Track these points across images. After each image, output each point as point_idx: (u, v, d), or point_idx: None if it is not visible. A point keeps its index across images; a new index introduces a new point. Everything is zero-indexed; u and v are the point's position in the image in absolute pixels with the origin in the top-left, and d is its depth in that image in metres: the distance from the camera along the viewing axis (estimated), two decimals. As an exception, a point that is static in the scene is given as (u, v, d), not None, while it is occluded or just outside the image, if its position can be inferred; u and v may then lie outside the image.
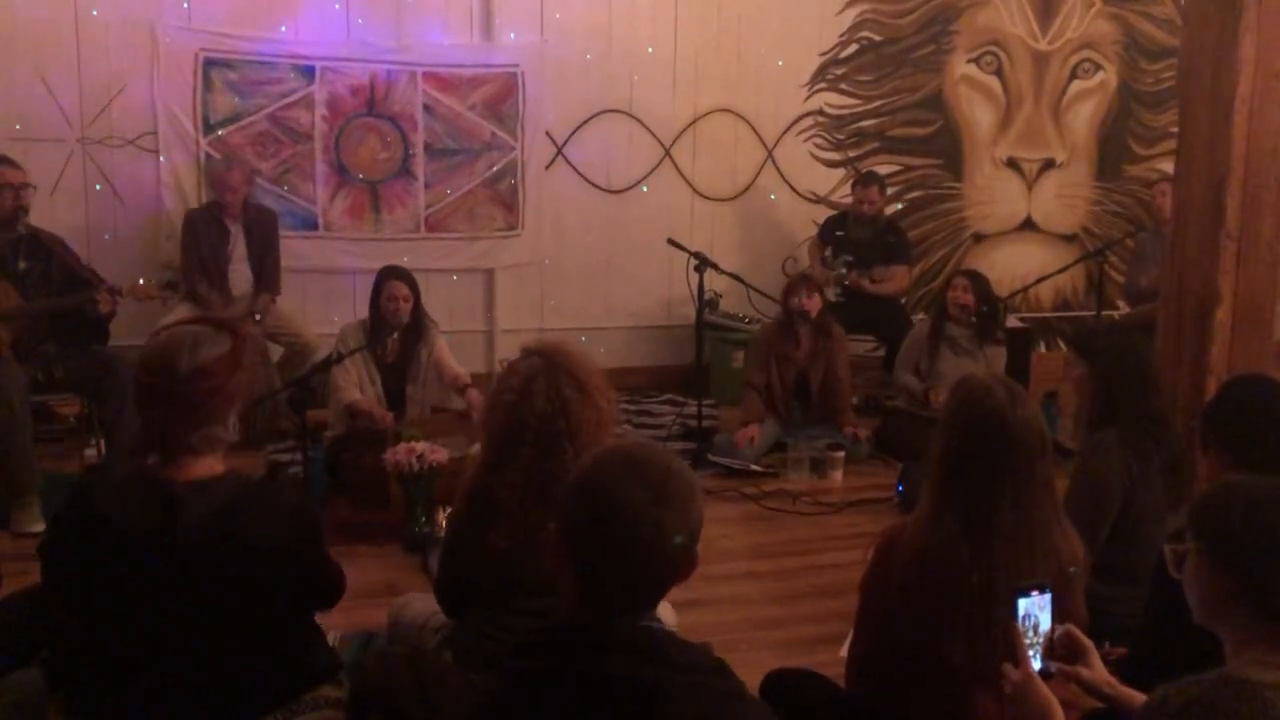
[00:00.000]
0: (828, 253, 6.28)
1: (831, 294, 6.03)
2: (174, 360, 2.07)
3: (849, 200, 6.40)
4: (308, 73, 5.83)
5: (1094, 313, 5.91)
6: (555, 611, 1.59)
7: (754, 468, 5.04)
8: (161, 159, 5.66)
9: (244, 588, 2.07)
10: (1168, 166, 6.28)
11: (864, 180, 6.28)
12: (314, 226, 5.93)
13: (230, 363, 2.11)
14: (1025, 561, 2.10)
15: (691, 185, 6.61)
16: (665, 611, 2.96)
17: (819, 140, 6.83)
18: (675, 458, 1.58)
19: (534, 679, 1.45)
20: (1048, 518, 2.17)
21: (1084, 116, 7.34)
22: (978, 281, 5.46)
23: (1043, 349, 7.25)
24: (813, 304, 5.30)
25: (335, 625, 3.05)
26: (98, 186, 5.57)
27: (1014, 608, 1.94)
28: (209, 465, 2.13)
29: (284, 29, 5.79)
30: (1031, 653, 1.93)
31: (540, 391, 2.36)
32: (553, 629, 1.49)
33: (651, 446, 1.59)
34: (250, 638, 2.14)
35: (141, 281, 4.58)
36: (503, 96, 6.15)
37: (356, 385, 4.65)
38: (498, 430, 2.42)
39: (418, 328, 4.77)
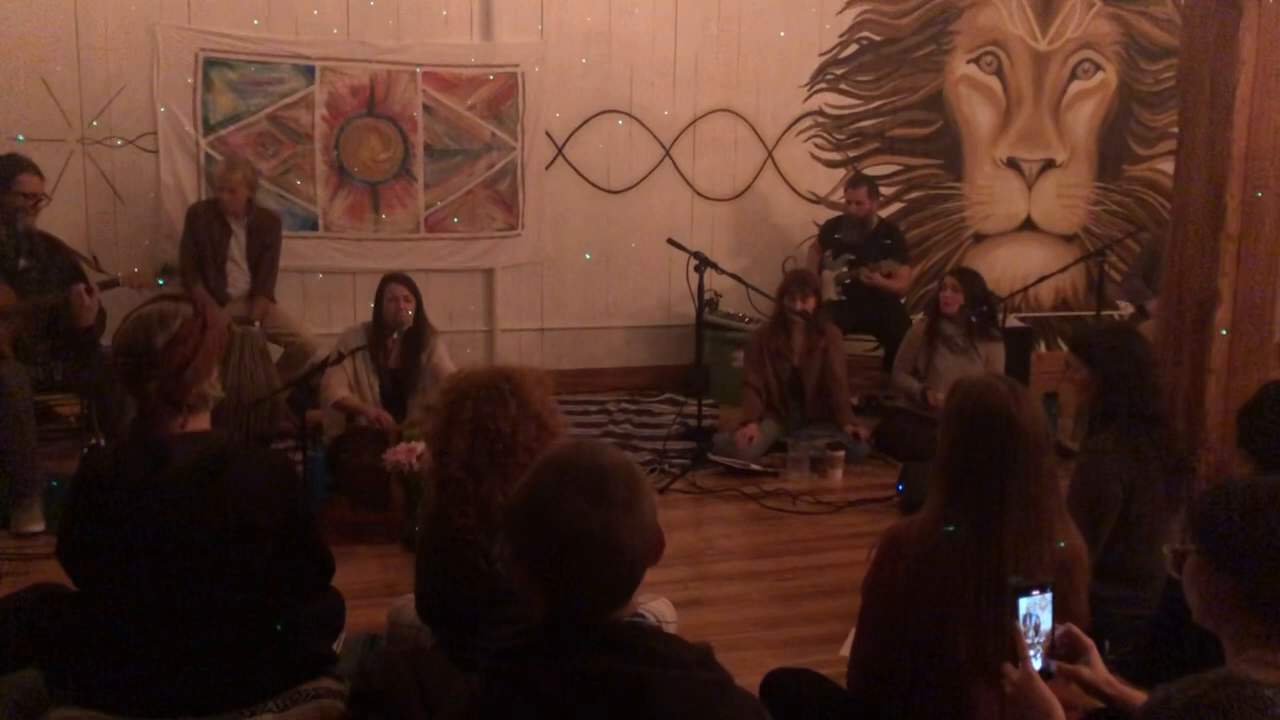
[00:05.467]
0: (827, 253, 6.28)
1: (833, 292, 6.03)
2: (150, 337, 2.22)
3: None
4: (308, 73, 5.84)
5: (1094, 313, 5.91)
6: (526, 617, 1.58)
7: (754, 467, 5.05)
8: (161, 159, 5.67)
9: (233, 537, 2.18)
10: (1168, 167, 6.29)
11: (853, 181, 6.31)
12: (314, 227, 5.94)
13: (199, 323, 2.27)
14: (1032, 552, 2.10)
15: (691, 185, 6.61)
16: (665, 609, 2.97)
17: (819, 140, 6.83)
18: (609, 451, 1.54)
19: (518, 679, 1.44)
20: (1052, 509, 2.17)
21: (1084, 117, 7.34)
22: (968, 280, 5.46)
23: (1043, 349, 7.26)
24: (808, 306, 5.30)
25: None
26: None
27: (1015, 607, 1.94)
28: (198, 423, 2.30)
29: (284, 29, 5.79)
30: (1032, 652, 1.93)
31: (481, 371, 2.53)
32: (533, 629, 1.48)
33: (582, 446, 1.55)
34: (247, 610, 2.21)
35: (136, 270, 4.59)
36: (503, 96, 6.15)
37: (348, 385, 4.66)
38: (442, 414, 2.51)
39: (419, 334, 4.79)
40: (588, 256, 6.42)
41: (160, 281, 4.57)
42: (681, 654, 1.46)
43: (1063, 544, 2.14)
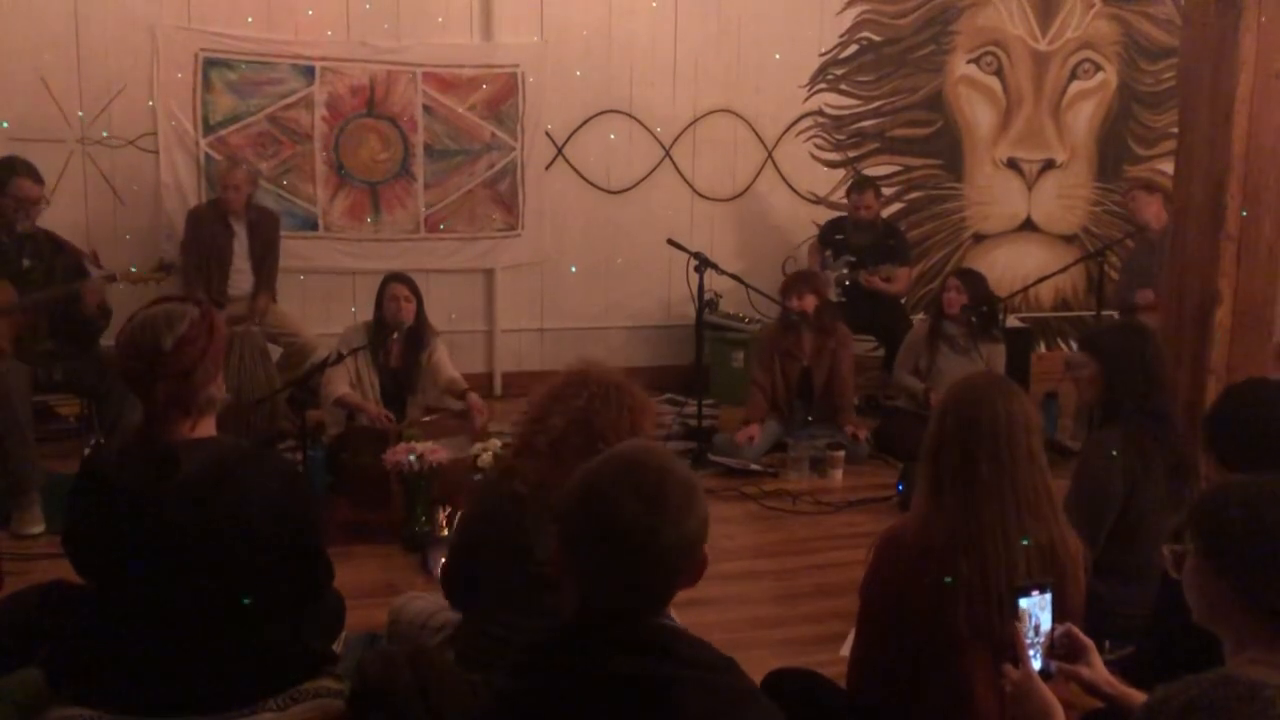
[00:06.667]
0: (828, 253, 6.28)
1: (833, 294, 6.03)
2: (157, 338, 2.17)
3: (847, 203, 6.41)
4: (307, 73, 5.84)
5: (1094, 313, 5.91)
6: (557, 610, 1.59)
7: (754, 467, 5.04)
8: (161, 159, 5.67)
9: (239, 545, 2.16)
10: (1168, 167, 6.28)
11: (858, 186, 6.29)
12: (314, 227, 5.94)
13: (206, 326, 2.23)
14: (1015, 524, 2.10)
15: (691, 185, 6.61)
16: (665, 611, 2.97)
17: (819, 141, 6.83)
18: (674, 459, 1.56)
19: (544, 678, 1.45)
20: (1038, 489, 2.17)
21: (1084, 117, 7.34)
22: (971, 281, 5.47)
23: (1043, 349, 7.26)
24: (806, 304, 5.30)
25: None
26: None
27: (1015, 607, 1.94)
28: (206, 426, 2.27)
29: (283, 29, 5.79)
30: (1032, 652, 1.93)
31: (614, 375, 2.49)
32: (561, 628, 1.49)
33: (650, 449, 1.57)
34: (247, 611, 2.19)
35: (134, 269, 4.60)
36: (503, 97, 6.15)
37: (349, 383, 4.66)
38: (555, 390, 2.46)
39: (420, 334, 4.79)
40: (573, 269, 6.41)
41: (137, 269, 4.57)
42: (707, 658, 1.47)
43: (1027, 541, 2.13)
